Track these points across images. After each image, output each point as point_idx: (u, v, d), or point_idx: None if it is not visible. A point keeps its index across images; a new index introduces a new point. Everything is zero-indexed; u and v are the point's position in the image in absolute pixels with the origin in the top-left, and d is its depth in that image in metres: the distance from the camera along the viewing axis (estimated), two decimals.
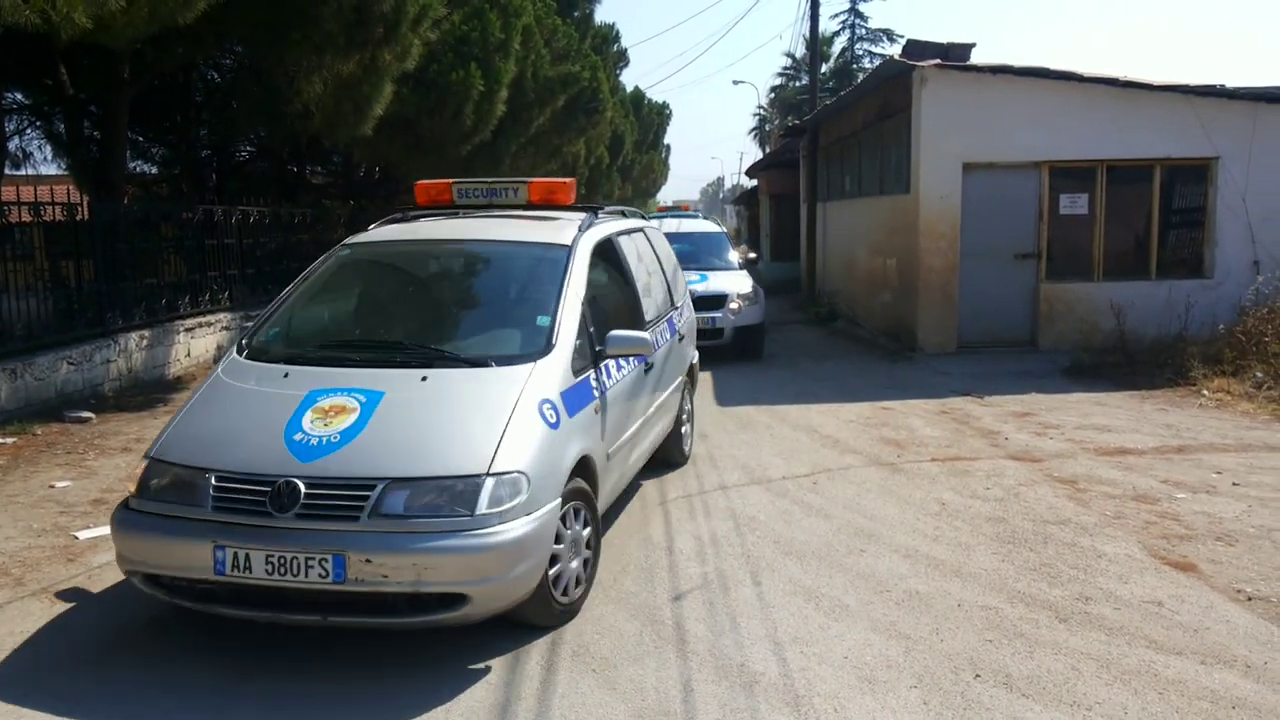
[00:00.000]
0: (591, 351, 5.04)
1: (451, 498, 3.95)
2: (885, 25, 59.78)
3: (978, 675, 3.95)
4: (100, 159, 12.92)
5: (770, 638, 4.33)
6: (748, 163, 43.18)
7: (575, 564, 4.56)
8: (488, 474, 4.00)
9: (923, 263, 12.12)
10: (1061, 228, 12.26)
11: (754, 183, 33.48)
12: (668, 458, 7.09)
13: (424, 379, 4.50)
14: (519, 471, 4.07)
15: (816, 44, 19.98)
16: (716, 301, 11.88)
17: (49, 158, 16.32)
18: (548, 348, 4.73)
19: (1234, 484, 6.55)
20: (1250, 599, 4.66)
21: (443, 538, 3.86)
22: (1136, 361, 10.52)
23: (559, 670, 4.07)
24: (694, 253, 13.05)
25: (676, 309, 7.19)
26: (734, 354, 12.18)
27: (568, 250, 5.32)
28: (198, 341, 12.21)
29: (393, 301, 5.89)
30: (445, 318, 5.60)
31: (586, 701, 3.82)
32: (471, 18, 15.37)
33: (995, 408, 9.20)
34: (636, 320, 5.97)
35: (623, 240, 6.28)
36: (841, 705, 3.75)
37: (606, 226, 6.04)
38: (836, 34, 52.26)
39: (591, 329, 5.10)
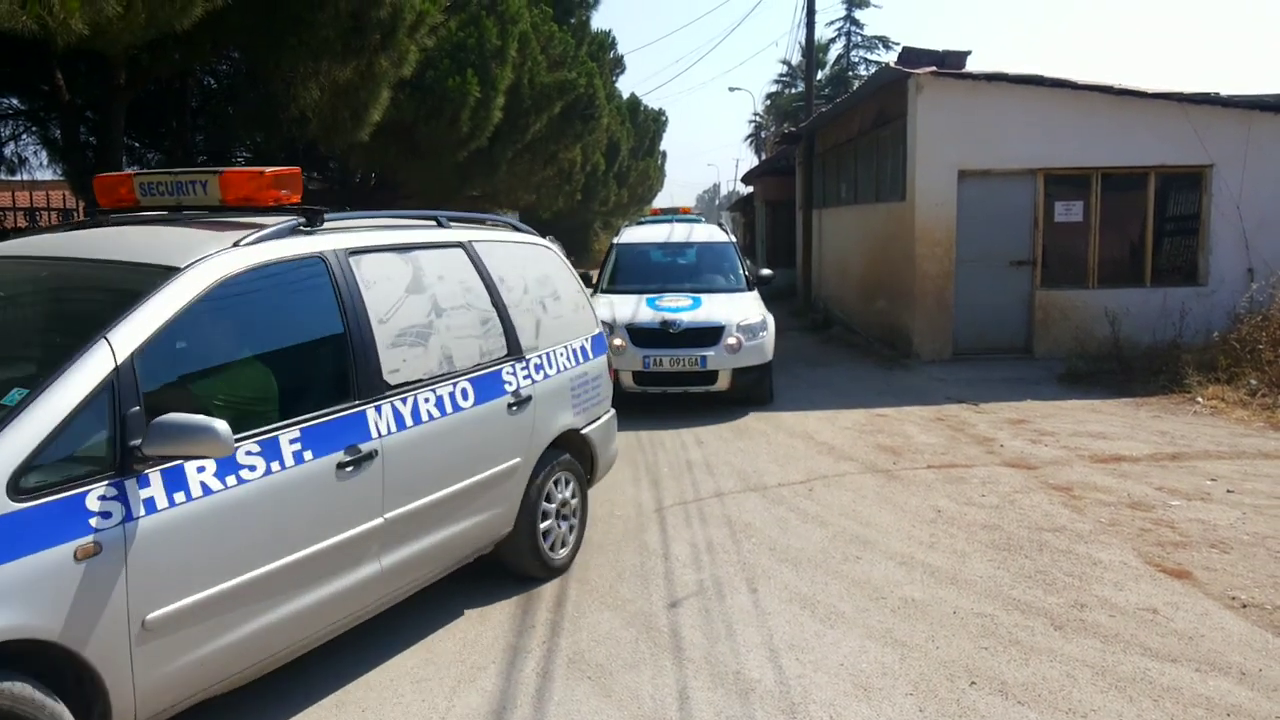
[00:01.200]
0: (117, 449, 3.05)
1: None
2: (881, 33, 60.18)
3: (973, 683, 3.96)
4: (96, 165, 12.92)
5: (766, 645, 4.33)
6: (743, 169, 43.27)
7: None
8: None
9: (918, 269, 12.14)
10: (1056, 235, 12.30)
11: (749, 190, 33.54)
12: (515, 569, 5.15)
13: None
14: None
15: (812, 51, 20.05)
16: (708, 335, 9.34)
17: (45, 163, 16.32)
18: None
19: (1228, 491, 6.56)
20: (1245, 606, 4.67)
21: None
22: (1131, 369, 10.55)
23: (554, 678, 4.07)
24: (693, 268, 11.10)
25: (520, 359, 5.03)
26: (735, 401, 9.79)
27: (163, 279, 3.39)
28: None
29: None
30: None
31: (582, 709, 3.82)
32: (468, 24, 15.41)
33: (990, 415, 9.21)
34: (363, 383, 3.99)
35: (364, 261, 4.22)
36: (837, 713, 3.75)
37: (309, 242, 4.01)
38: (832, 41, 52.60)
39: (135, 409, 3.08)
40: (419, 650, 4.35)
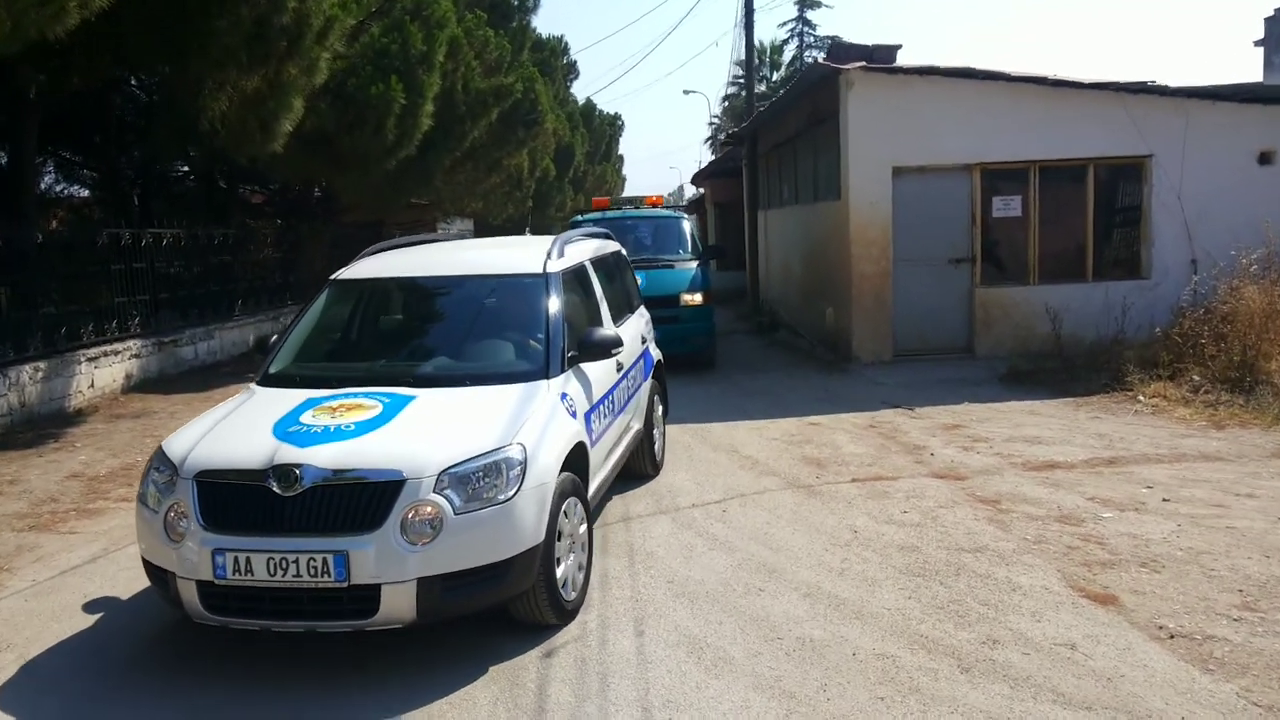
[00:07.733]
0: None
1: None
2: (835, 32, 60.10)
3: None
4: (9, 180, 12.33)
5: (640, 702, 3.87)
6: None
7: None
8: None
9: (855, 270, 11.76)
10: (995, 231, 11.97)
11: (701, 191, 33.18)
12: None
13: None
14: None
15: (752, 50, 19.68)
16: (366, 500, 4.09)
17: None
18: None
19: (1164, 500, 6.19)
20: (1172, 636, 4.26)
21: None
22: (1074, 366, 10.23)
23: None
24: (449, 333, 5.77)
25: None
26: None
27: None
28: (102, 371, 11.59)
29: None
30: None
31: None
32: (391, 30, 14.90)
33: (925, 420, 8.82)
34: None
35: None
36: None
37: None
38: (785, 42, 52.51)
39: None
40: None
